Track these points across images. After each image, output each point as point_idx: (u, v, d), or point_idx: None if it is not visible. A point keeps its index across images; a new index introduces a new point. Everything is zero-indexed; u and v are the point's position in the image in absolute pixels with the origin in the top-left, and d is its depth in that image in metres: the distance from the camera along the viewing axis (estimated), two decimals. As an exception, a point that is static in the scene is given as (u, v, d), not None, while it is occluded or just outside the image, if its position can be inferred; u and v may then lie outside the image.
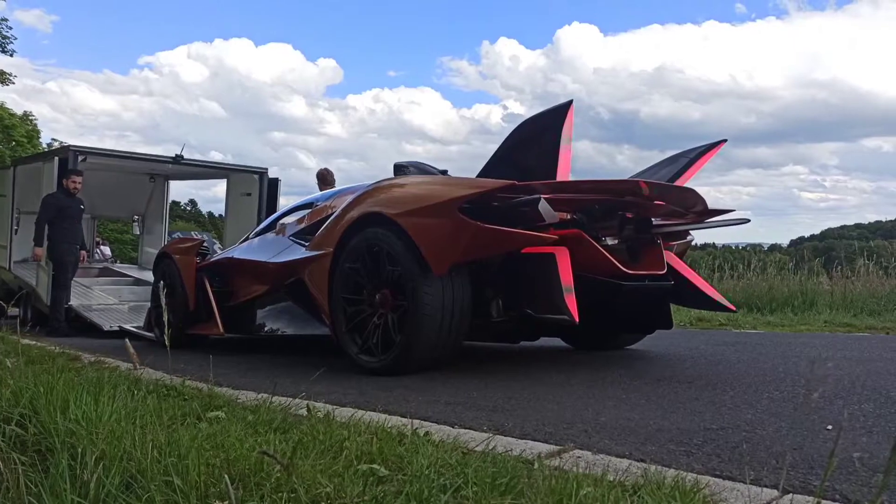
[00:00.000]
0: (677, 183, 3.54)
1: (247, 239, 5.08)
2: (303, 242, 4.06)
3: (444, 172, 4.32)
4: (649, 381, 2.92)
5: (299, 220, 4.42)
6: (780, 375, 3.02)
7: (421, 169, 4.26)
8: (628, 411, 2.31)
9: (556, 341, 4.29)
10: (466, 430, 2.01)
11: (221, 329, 4.57)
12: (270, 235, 4.69)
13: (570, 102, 3.66)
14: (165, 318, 2.53)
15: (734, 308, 3.80)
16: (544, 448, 1.80)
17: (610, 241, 3.29)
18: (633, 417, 2.21)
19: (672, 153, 3.89)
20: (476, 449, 1.73)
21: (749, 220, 3.83)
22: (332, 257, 3.50)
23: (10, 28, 17.65)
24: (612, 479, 1.45)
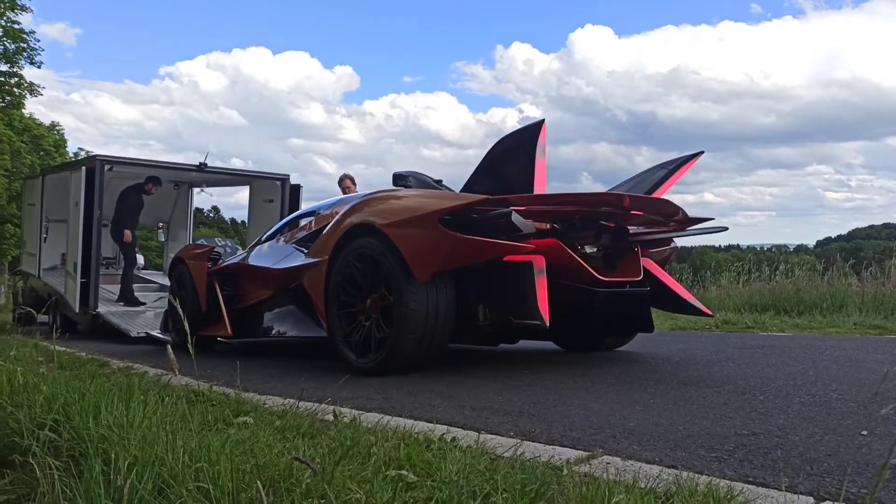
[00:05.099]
0: (657, 193, 3.74)
1: (256, 245, 5.29)
2: (303, 249, 4.29)
3: (439, 182, 4.58)
4: (676, 385, 2.88)
5: (302, 228, 4.64)
6: (811, 379, 2.97)
7: (418, 178, 4.52)
8: (656, 416, 2.28)
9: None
10: (493, 436, 2.00)
11: (230, 330, 4.82)
12: (276, 242, 4.90)
13: (543, 121, 3.84)
14: (186, 326, 2.60)
15: (710, 312, 3.99)
16: (572, 454, 1.78)
17: (589, 250, 3.47)
18: (662, 422, 2.18)
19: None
20: (504, 455, 1.72)
21: (727, 229, 4.03)
22: (327, 264, 3.70)
23: (38, 40, 18.02)
24: (643, 485, 1.43)
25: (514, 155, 3.76)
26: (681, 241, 4.45)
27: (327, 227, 3.96)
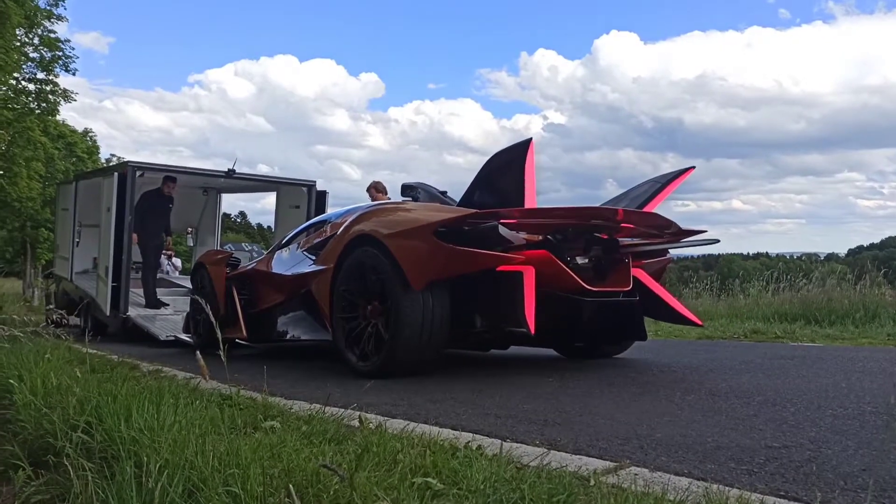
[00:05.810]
0: (649, 207, 3.90)
1: (271, 251, 5.50)
2: (313, 257, 4.52)
3: (444, 193, 4.78)
4: (704, 396, 2.84)
5: (314, 236, 4.84)
6: (844, 391, 2.91)
7: (425, 189, 4.77)
8: (684, 427, 2.26)
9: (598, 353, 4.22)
10: (519, 445, 1.99)
11: (245, 332, 5.07)
12: (290, 249, 5.10)
13: (531, 140, 3.97)
14: (219, 333, 2.66)
15: (701, 323, 4.12)
16: (599, 464, 1.77)
17: (580, 261, 3.62)
18: (690, 434, 2.15)
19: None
20: (530, 464, 1.72)
21: (718, 241, 4.16)
22: (333, 271, 3.90)
23: (73, 48, 18.47)
24: (672, 498, 1.42)
25: (505, 170, 3.92)
26: (708, 250, 4.54)
27: (334, 237, 4.18)
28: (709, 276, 10.74)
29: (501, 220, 3.39)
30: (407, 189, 4.85)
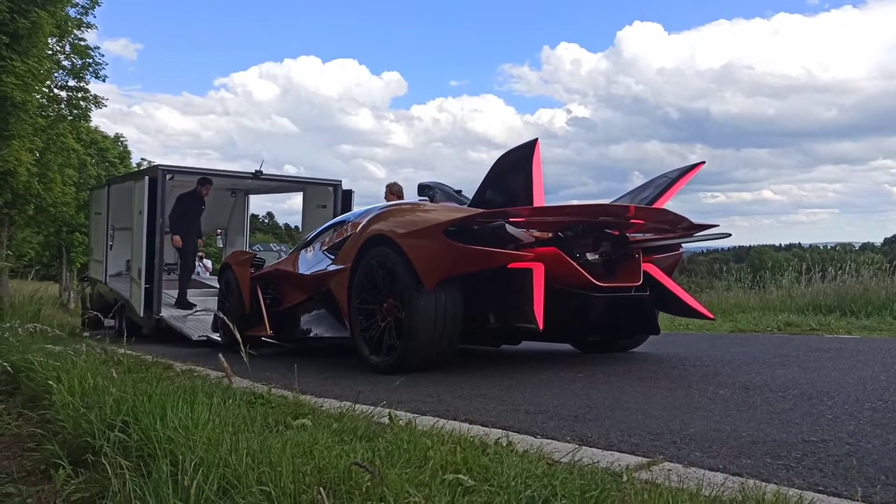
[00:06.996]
0: (659, 203, 3.94)
1: (294, 251, 5.65)
2: (332, 256, 4.64)
3: (459, 192, 4.90)
4: (738, 390, 2.80)
5: (334, 236, 4.95)
6: (883, 384, 2.84)
7: (442, 189, 4.90)
8: (718, 422, 2.22)
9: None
10: (549, 441, 1.98)
11: (269, 329, 5.23)
12: (311, 249, 5.23)
13: (536, 140, 4.01)
14: (236, 332, 2.72)
15: (712, 316, 4.15)
16: (632, 460, 1.75)
17: (590, 257, 3.69)
18: (724, 428, 2.12)
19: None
20: (561, 460, 1.71)
21: (730, 235, 4.12)
22: (350, 271, 4.01)
23: (103, 55, 18.81)
24: (708, 493, 1.40)
25: (513, 170, 3.97)
26: (739, 241, 4.55)
27: (352, 236, 4.29)
28: (740, 268, 10.57)
29: (510, 219, 3.47)
30: (424, 189, 4.98)
